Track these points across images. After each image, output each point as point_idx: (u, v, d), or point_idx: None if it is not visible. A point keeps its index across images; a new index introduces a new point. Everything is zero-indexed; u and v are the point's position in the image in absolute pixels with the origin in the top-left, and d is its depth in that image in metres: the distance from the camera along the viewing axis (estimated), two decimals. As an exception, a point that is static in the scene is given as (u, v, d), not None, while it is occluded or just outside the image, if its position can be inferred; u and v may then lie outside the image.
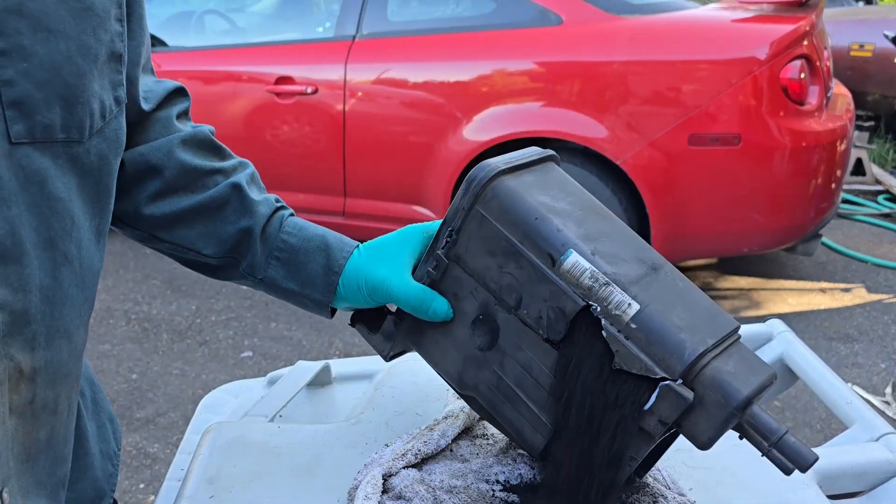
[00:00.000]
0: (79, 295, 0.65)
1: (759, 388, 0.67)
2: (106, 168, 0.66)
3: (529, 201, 0.73)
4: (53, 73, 0.58)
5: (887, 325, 3.51)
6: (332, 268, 0.81)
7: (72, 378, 0.67)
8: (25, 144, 0.57)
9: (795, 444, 0.66)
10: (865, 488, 0.89)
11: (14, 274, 0.57)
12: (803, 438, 2.70)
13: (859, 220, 4.81)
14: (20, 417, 0.61)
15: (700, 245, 3.46)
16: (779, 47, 3.18)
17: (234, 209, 0.82)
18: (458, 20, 3.73)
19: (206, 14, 4.25)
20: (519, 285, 0.74)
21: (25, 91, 0.57)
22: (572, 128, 3.33)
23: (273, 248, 0.83)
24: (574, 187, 0.78)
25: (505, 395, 0.78)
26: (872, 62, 5.93)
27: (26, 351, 0.59)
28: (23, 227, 0.58)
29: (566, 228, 0.72)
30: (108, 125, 0.66)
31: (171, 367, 3.18)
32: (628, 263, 0.71)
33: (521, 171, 0.76)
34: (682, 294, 0.71)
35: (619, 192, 3.33)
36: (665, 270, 0.72)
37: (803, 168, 3.26)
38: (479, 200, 0.74)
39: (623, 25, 3.38)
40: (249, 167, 0.87)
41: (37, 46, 0.57)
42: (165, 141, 0.80)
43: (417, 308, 0.77)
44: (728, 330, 0.70)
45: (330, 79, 3.62)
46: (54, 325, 0.62)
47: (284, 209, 0.86)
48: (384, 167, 3.64)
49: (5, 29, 0.55)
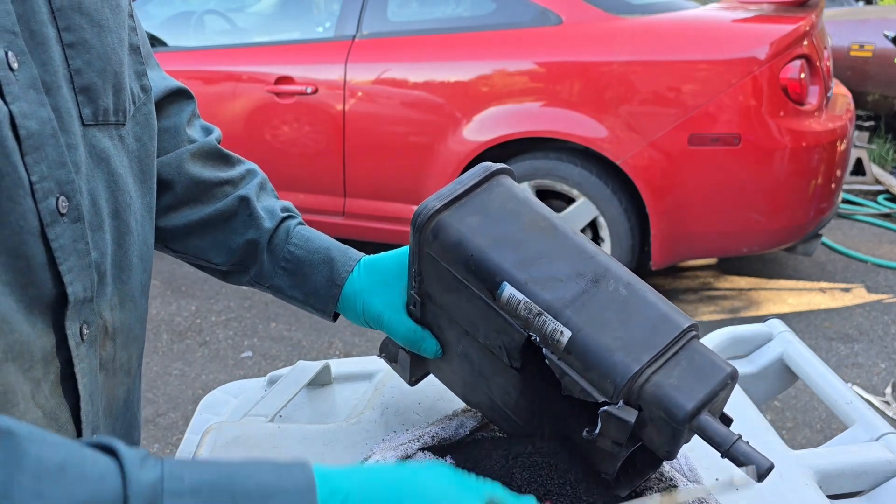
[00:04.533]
0: (139, 264, 0.72)
1: (706, 397, 0.65)
2: (144, 150, 0.74)
3: (466, 236, 0.73)
4: (106, 62, 0.66)
5: (887, 325, 3.51)
6: (335, 280, 0.85)
7: (139, 343, 0.75)
8: (92, 126, 0.65)
9: (747, 453, 0.64)
10: (865, 488, 0.89)
11: (100, 240, 0.66)
12: (803, 438, 2.70)
13: (859, 220, 4.80)
14: (105, 373, 0.69)
15: (700, 245, 3.46)
16: (779, 47, 3.18)
17: (241, 221, 0.86)
18: (458, 20, 3.73)
19: (205, 14, 4.24)
20: (476, 318, 0.75)
21: (90, 79, 0.64)
22: (572, 128, 3.33)
23: (280, 258, 0.86)
24: (516, 203, 0.76)
25: (499, 415, 0.80)
26: (872, 62, 5.92)
27: (107, 311, 0.68)
28: (100, 199, 0.66)
29: (502, 259, 0.71)
30: (139, 111, 0.73)
31: (170, 367, 3.18)
32: (564, 284, 0.70)
33: (459, 202, 0.75)
34: (624, 306, 0.69)
35: (619, 193, 3.33)
36: (608, 279, 0.70)
37: (803, 168, 3.26)
38: (423, 242, 0.75)
39: (623, 25, 3.38)
40: (258, 175, 0.91)
41: (94, 39, 0.65)
42: (175, 156, 0.85)
43: (411, 345, 0.82)
44: (673, 336, 0.67)
45: (330, 79, 3.62)
46: (124, 289, 0.70)
47: (292, 219, 0.89)
48: (384, 167, 3.64)
49: (72, 25, 0.63)
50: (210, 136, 0.89)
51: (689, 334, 0.69)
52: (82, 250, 0.63)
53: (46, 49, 0.60)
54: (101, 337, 0.67)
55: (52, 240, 0.60)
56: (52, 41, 0.61)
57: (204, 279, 3.93)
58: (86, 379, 0.66)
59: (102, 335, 0.68)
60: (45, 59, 0.60)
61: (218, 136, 0.90)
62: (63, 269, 0.61)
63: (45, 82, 0.60)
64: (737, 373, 0.68)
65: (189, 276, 3.94)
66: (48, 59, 0.60)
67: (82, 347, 0.64)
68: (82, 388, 0.65)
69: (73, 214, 0.62)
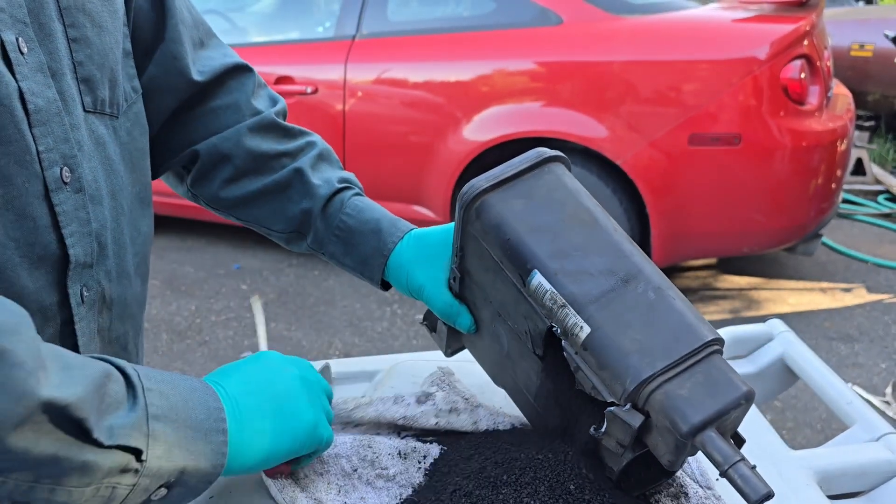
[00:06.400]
0: (132, 247, 0.79)
1: (715, 414, 0.63)
2: (135, 143, 0.79)
3: (507, 219, 0.73)
4: (104, 59, 0.73)
5: (888, 325, 3.51)
6: (382, 251, 0.88)
7: (135, 322, 0.81)
8: (92, 113, 0.72)
9: (746, 477, 0.62)
10: (866, 488, 0.89)
11: (99, 213, 0.72)
12: (803, 439, 2.69)
13: (860, 220, 4.80)
14: (102, 341, 0.75)
15: (700, 245, 3.45)
16: (779, 47, 3.18)
17: (297, 191, 0.91)
18: (458, 20, 3.73)
19: (205, 14, 4.24)
20: (507, 301, 0.76)
21: (91, 71, 0.71)
22: (572, 128, 3.33)
23: (333, 227, 0.91)
24: (563, 193, 0.76)
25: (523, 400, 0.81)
26: (873, 62, 5.92)
27: (105, 280, 0.74)
28: (99, 177, 0.72)
29: (537, 246, 0.71)
30: (131, 108, 0.79)
31: (170, 367, 3.17)
32: (595, 279, 0.69)
33: (507, 185, 0.75)
34: (649, 309, 0.68)
35: (619, 192, 3.33)
36: (638, 281, 0.69)
37: (804, 168, 3.26)
38: (467, 220, 0.76)
39: (623, 25, 3.38)
40: (316, 147, 0.95)
41: (95, 38, 0.72)
42: (234, 130, 0.90)
43: (447, 319, 0.84)
44: (693, 347, 0.66)
45: (330, 78, 3.62)
46: (120, 263, 0.76)
47: (349, 189, 0.93)
48: (384, 167, 3.64)
49: (76, 22, 0.70)
50: (271, 109, 0.94)
51: (711, 348, 0.67)
52: (83, 219, 0.69)
53: (53, 40, 0.67)
54: (100, 304, 0.74)
55: (56, 205, 0.67)
56: (58, 34, 0.67)
57: (203, 279, 3.93)
58: (85, 338, 0.72)
59: (101, 302, 0.74)
60: (52, 48, 0.67)
61: (280, 108, 0.95)
62: (66, 232, 0.68)
63: (51, 68, 0.66)
64: (753, 393, 0.65)
65: (189, 276, 3.94)
66: (54, 49, 0.67)
67: (82, 308, 0.71)
68: (82, 346, 0.71)
69: (76, 185, 0.69)
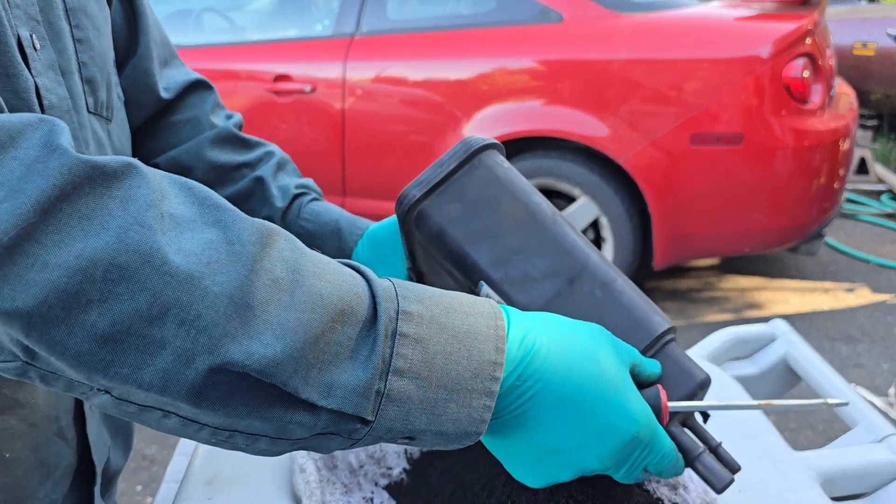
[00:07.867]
0: None
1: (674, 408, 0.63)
2: (123, 150, 0.80)
3: (445, 228, 0.72)
4: (104, 61, 0.74)
5: (890, 325, 3.49)
6: (344, 250, 0.88)
7: None
8: (93, 114, 0.72)
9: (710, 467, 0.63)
10: (869, 490, 0.89)
11: None
12: (805, 440, 2.68)
13: (863, 220, 4.79)
14: None
15: (702, 245, 3.44)
16: (781, 46, 3.16)
17: (257, 200, 0.91)
18: (459, 18, 3.72)
19: (204, 12, 4.24)
20: None
21: (93, 72, 0.72)
22: (573, 126, 3.32)
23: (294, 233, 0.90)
24: (496, 188, 0.73)
25: None
26: (875, 61, 5.91)
27: None
28: None
29: (479, 255, 0.71)
30: (118, 114, 0.80)
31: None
32: (540, 284, 0.69)
33: (440, 189, 0.73)
34: (597, 310, 0.68)
35: (620, 192, 3.32)
36: (583, 280, 0.69)
37: (806, 167, 3.24)
38: (409, 231, 0.75)
39: (624, 23, 3.37)
40: (275, 157, 0.95)
41: (95, 40, 0.73)
42: (194, 143, 0.91)
43: None
44: (645, 343, 0.66)
45: (329, 77, 3.61)
46: None
47: (305, 195, 0.93)
48: (383, 166, 3.63)
49: (80, 24, 0.71)
50: (229, 122, 0.94)
51: (664, 339, 0.67)
52: None
53: (62, 39, 0.68)
54: None
55: None
56: (66, 34, 0.68)
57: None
58: None
59: None
60: (61, 47, 0.67)
61: (237, 121, 0.95)
62: None
63: (61, 66, 0.67)
64: (709, 380, 0.66)
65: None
66: (63, 47, 0.68)
67: None
68: None
69: None
